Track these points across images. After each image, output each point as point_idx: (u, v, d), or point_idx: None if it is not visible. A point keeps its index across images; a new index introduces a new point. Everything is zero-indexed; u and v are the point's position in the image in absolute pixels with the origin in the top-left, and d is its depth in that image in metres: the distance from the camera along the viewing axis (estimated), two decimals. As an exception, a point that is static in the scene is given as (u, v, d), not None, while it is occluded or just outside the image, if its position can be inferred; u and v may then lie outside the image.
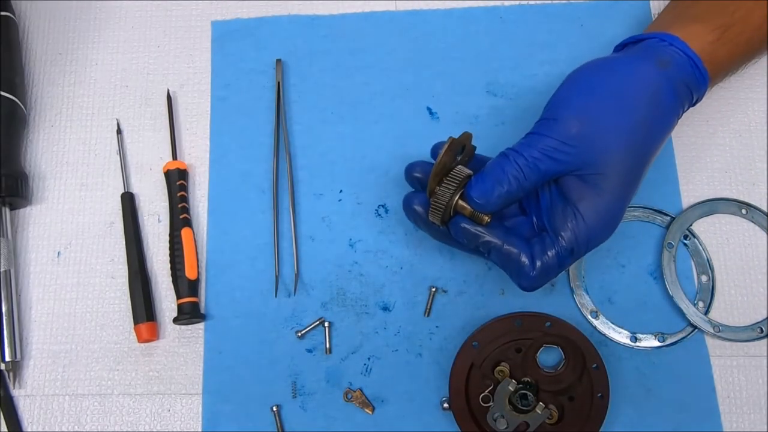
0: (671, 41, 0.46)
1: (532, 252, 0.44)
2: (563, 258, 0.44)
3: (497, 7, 0.59)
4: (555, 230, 0.44)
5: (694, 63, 0.46)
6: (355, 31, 0.59)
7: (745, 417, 0.49)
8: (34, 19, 0.61)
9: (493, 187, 0.43)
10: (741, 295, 0.51)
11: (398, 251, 0.53)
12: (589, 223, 0.43)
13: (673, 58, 0.46)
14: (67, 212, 0.55)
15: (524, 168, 0.43)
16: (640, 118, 0.44)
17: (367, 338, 0.51)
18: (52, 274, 0.54)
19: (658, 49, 0.46)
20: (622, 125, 0.43)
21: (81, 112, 0.57)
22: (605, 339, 0.50)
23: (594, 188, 0.43)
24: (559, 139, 0.43)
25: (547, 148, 0.43)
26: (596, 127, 0.43)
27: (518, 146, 0.44)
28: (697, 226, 0.53)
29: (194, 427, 0.50)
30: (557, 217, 0.44)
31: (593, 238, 0.44)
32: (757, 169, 0.54)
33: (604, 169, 0.43)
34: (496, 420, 0.46)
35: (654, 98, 0.44)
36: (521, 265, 0.44)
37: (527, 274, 0.44)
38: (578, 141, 0.43)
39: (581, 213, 0.43)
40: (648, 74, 0.45)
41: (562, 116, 0.44)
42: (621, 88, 0.44)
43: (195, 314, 0.51)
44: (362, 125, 0.56)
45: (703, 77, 0.46)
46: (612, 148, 0.43)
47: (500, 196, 0.43)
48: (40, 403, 0.51)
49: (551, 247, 0.44)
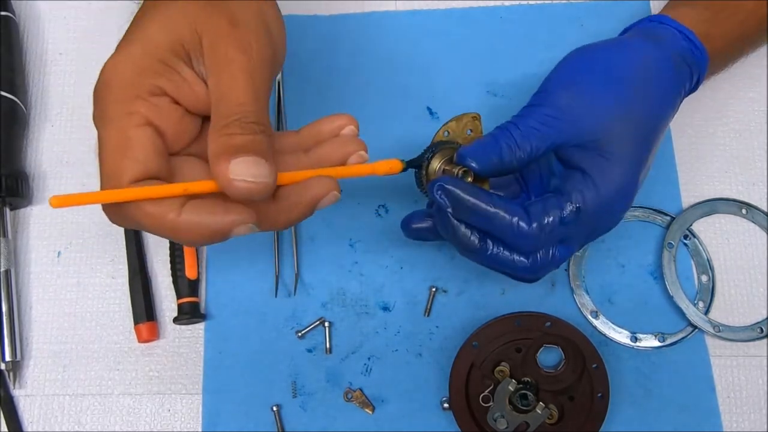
0: (661, 20, 0.46)
1: (528, 214, 0.41)
2: (568, 221, 0.41)
3: (497, 7, 0.59)
4: (559, 191, 0.42)
5: (687, 37, 0.45)
6: (355, 31, 0.59)
7: (745, 417, 0.49)
8: (34, 19, 0.61)
9: (485, 150, 0.42)
10: (741, 295, 0.51)
11: (398, 251, 0.53)
12: (598, 182, 0.41)
13: (665, 33, 0.46)
14: (67, 212, 0.55)
15: (518, 137, 0.42)
16: (634, 86, 0.43)
17: (367, 338, 0.51)
18: (52, 274, 0.54)
19: (650, 28, 0.46)
20: (615, 93, 0.43)
21: (81, 112, 0.58)
22: (605, 339, 0.50)
23: (598, 153, 0.42)
24: (550, 107, 0.42)
25: (539, 116, 0.42)
26: (587, 95, 0.43)
27: (512, 118, 0.44)
28: (697, 226, 0.53)
29: (194, 427, 0.50)
30: (561, 181, 0.42)
31: (604, 203, 0.41)
32: (757, 169, 0.54)
33: (603, 135, 0.42)
34: (496, 420, 0.46)
35: (648, 68, 0.44)
36: (514, 228, 0.40)
37: (525, 234, 0.40)
38: (569, 108, 0.42)
39: (588, 173, 0.41)
40: (639, 47, 0.45)
41: (553, 88, 0.44)
42: (611, 60, 0.44)
43: (195, 314, 0.51)
44: (362, 125, 0.56)
45: (700, 51, 0.46)
46: (607, 114, 0.42)
47: (493, 162, 0.42)
48: (40, 403, 0.51)
49: (555, 207, 0.41)
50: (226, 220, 0.35)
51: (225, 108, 0.35)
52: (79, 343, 0.52)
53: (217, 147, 0.35)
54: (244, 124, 0.35)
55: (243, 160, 0.34)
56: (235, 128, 0.35)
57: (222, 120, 0.35)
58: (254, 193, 0.34)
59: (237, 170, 0.34)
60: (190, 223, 0.34)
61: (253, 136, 0.35)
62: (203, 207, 0.35)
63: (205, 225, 0.34)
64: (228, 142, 0.34)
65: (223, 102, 0.36)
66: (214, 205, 0.35)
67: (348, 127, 0.41)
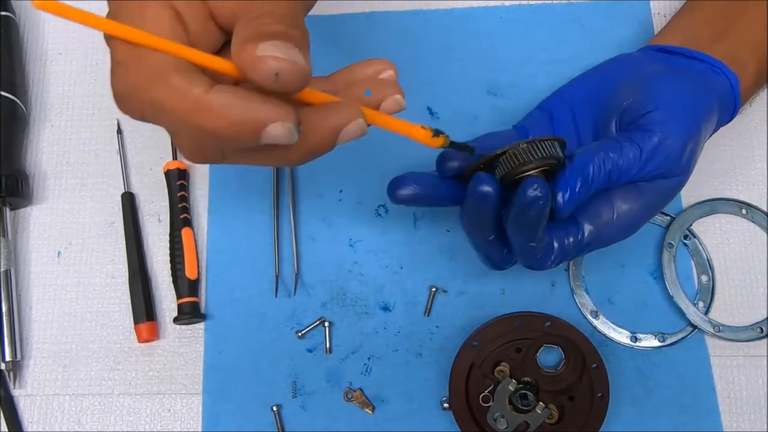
0: (725, 72, 0.46)
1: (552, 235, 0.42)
2: (580, 249, 0.43)
3: (497, 7, 0.59)
4: (580, 218, 0.43)
5: (735, 101, 0.46)
6: (355, 31, 0.59)
7: (745, 417, 0.49)
8: (34, 19, 0.61)
9: (580, 187, 0.40)
10: (741, 295, 0.51)
11: (398, 251, 0.53)
12: (617, 222, 0.42)
13: (724, 90, 0.45)
14: (67, 212, 0.55)
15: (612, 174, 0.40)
16: (703, 130, 0.43)
17: (367, 338, 0.51)
18: (52, 274, 0.54)
19: (712, 78, 0.46)
20: (697, 136, 0.42)
21: (81, 112, 0.57)
22: (605, 339, 0.50)
23: (638, 192, 0.42)
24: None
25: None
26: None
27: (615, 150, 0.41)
28: (697, 226, 0.53)
29: (194, 427, 0.50)
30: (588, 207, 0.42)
31: (613, 238, 0.43)
32: (757, 169, 0.54)
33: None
34: (496, 420, 0.46)
35: (713, 114, 0.44)
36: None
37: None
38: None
39: (616, 210, 0.42)
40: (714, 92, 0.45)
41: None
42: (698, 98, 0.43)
43: (195, 314, 0.51)
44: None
45: (734, 110, 0.47)
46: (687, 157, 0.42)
47: (581, 197, 0.40)
48: (40, 403, 0.51)
49: (573, 234, 0.42)
50: (261, 109, 0.29)
51: (256, 8, 0.31)
52: (79, 343, 0.52)
53: (245, 33, 0.29)
54: (278, 17, 0.30)
55: (274, 42, 0.29)
56: (267, 19, 0.30)
57: (253, 13, 0.30)
58: (286, 74, 0.29)
59: (267, 49, 0.29)
60: (219, 103, 0.29)
61: (288, 28, 0.30)
62: (236, 91, 0.30)
63: (237, 109, 0.29)
64: (259, 29, 0.29)
65: (254, 5, 0.31)
66: (249, 92, 0.30)
67: (386, 72, 0.36)
